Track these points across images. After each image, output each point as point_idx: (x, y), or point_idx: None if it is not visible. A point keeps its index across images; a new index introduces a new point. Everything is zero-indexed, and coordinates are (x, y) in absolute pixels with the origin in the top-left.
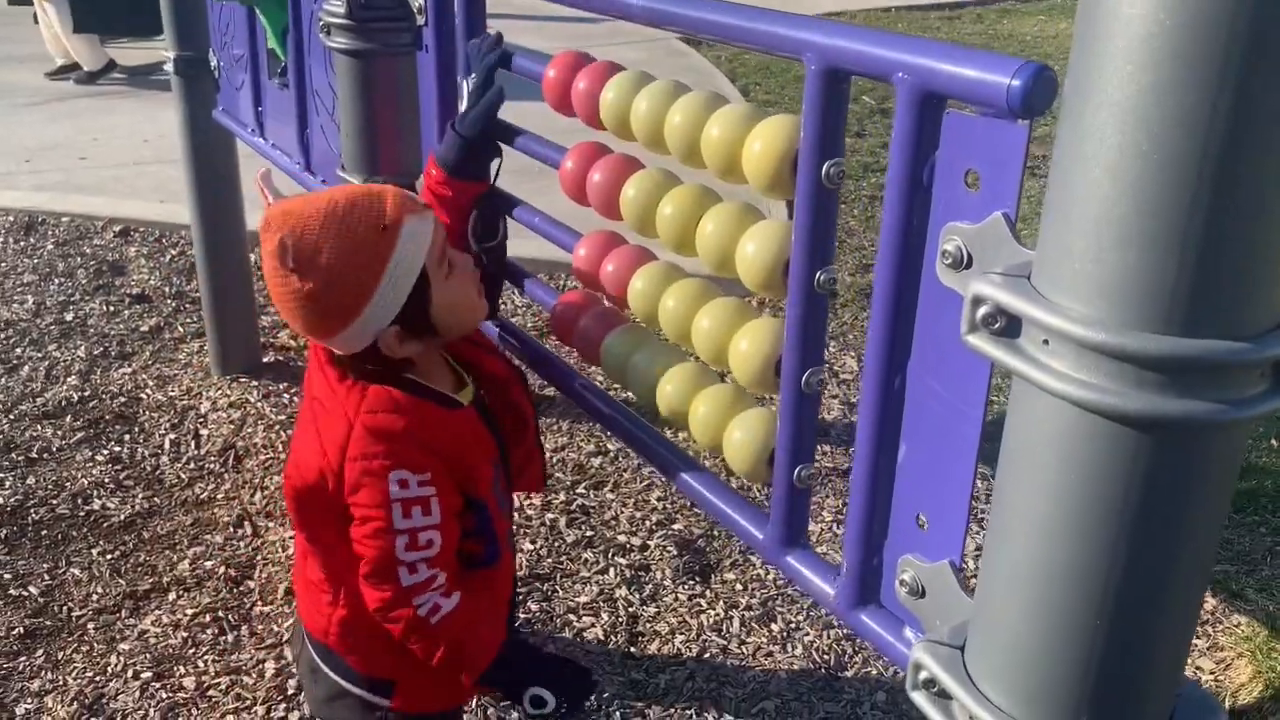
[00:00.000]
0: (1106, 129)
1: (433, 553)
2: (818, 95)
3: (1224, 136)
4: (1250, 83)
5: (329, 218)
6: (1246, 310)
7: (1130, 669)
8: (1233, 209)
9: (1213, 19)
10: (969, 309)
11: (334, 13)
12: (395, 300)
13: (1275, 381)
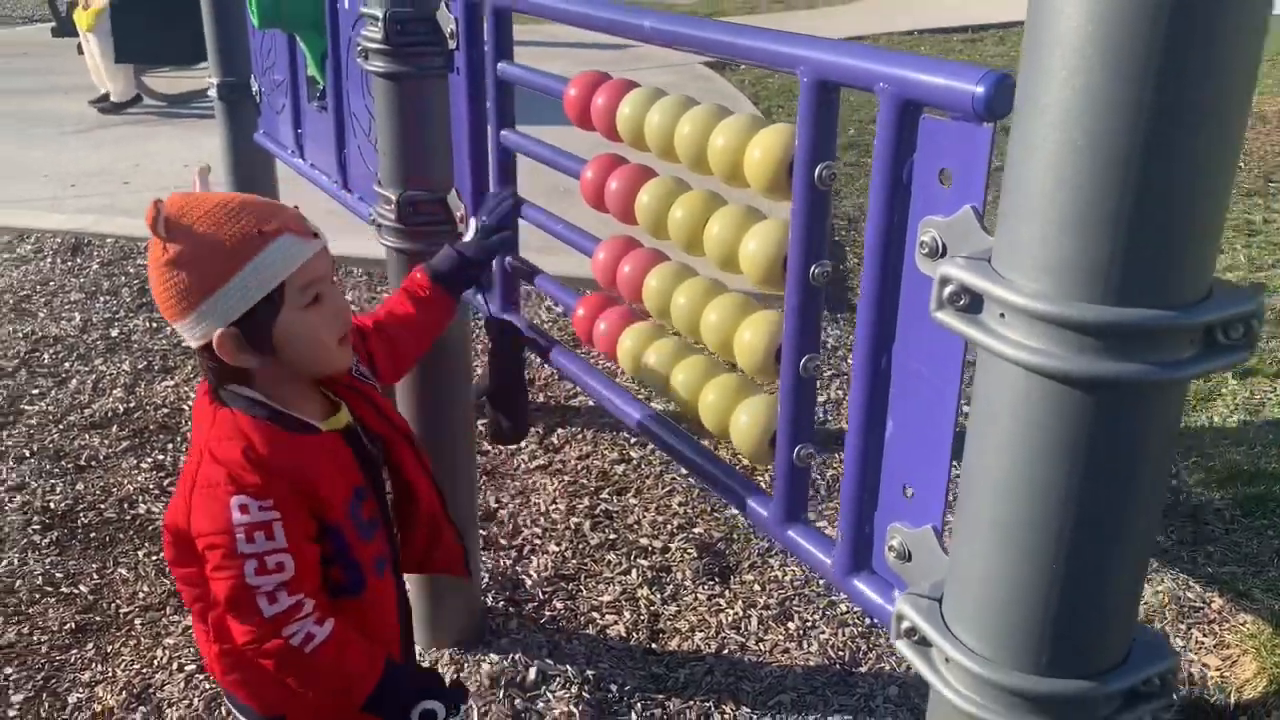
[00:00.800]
0: (1048, 128)
1: (286, 576)
2: (810, 104)
3: (1147, 131)
4: (1168, 83)
5: (219, 207)
6: (1175, 283)
7: (1085, 612)
8: (1158, 194)
9: (1134, 31)
10: (937, 288)
11: (372, 38)
12: (243, 300)
13: (1206, 347)
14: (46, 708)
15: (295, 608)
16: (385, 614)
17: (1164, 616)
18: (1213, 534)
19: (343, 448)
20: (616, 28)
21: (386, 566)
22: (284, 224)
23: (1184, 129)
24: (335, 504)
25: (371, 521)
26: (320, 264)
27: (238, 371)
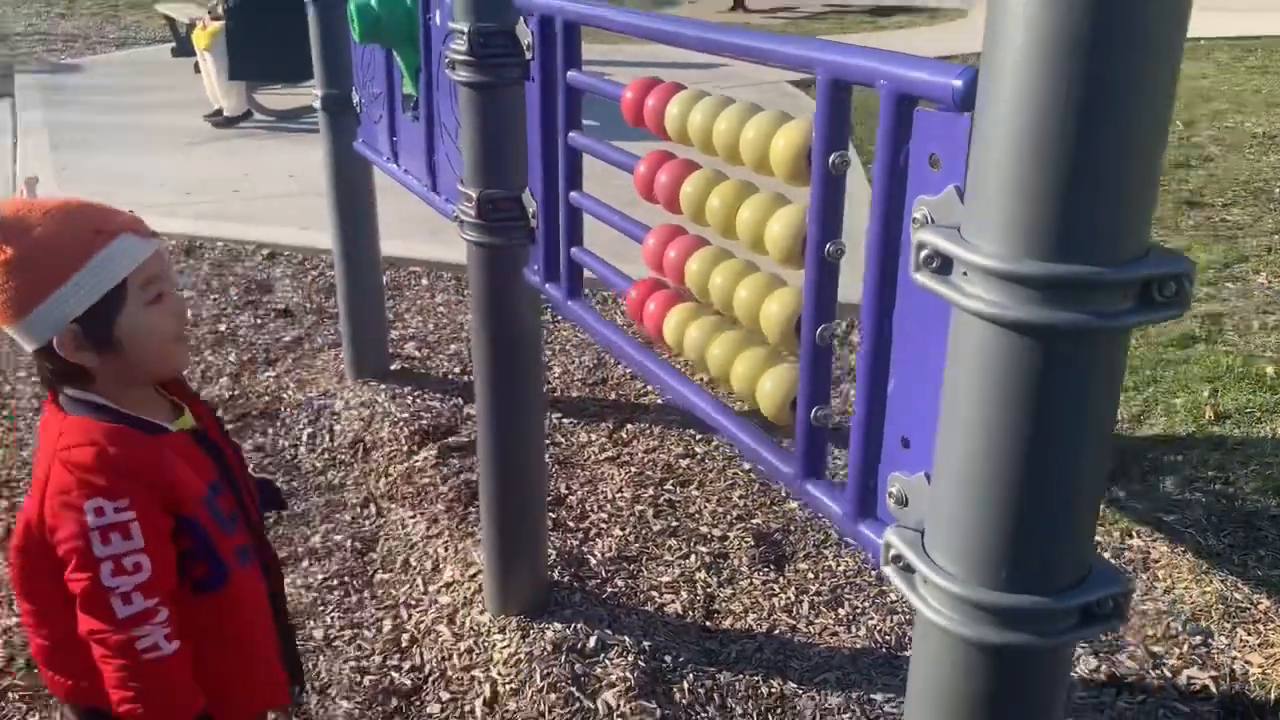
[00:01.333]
0: (1000, 115)
1: (143, 577)
2: (825, 100)
3: (1076, 119)
4: (1093, 71)
5: (59, 209)
6: (1112, 243)
7: (1039, 537)
8: (1090, 169)
9: (1064, 35)
10: (915, 253)
11: (458, 50)
12: (86, 296)
13: (1141, 302)
14: None
15: (150, 612)
16: (255, 605)
17: (1210, 616)
18: (1265, 539)
19: (193, 445)
20: (666, 36)
21: (251, 557)
22: (122, 225)
23: (1108, 116)
24: (192, 498)
25: (231, 515)
26: (159, 263)
27: (78, 374)
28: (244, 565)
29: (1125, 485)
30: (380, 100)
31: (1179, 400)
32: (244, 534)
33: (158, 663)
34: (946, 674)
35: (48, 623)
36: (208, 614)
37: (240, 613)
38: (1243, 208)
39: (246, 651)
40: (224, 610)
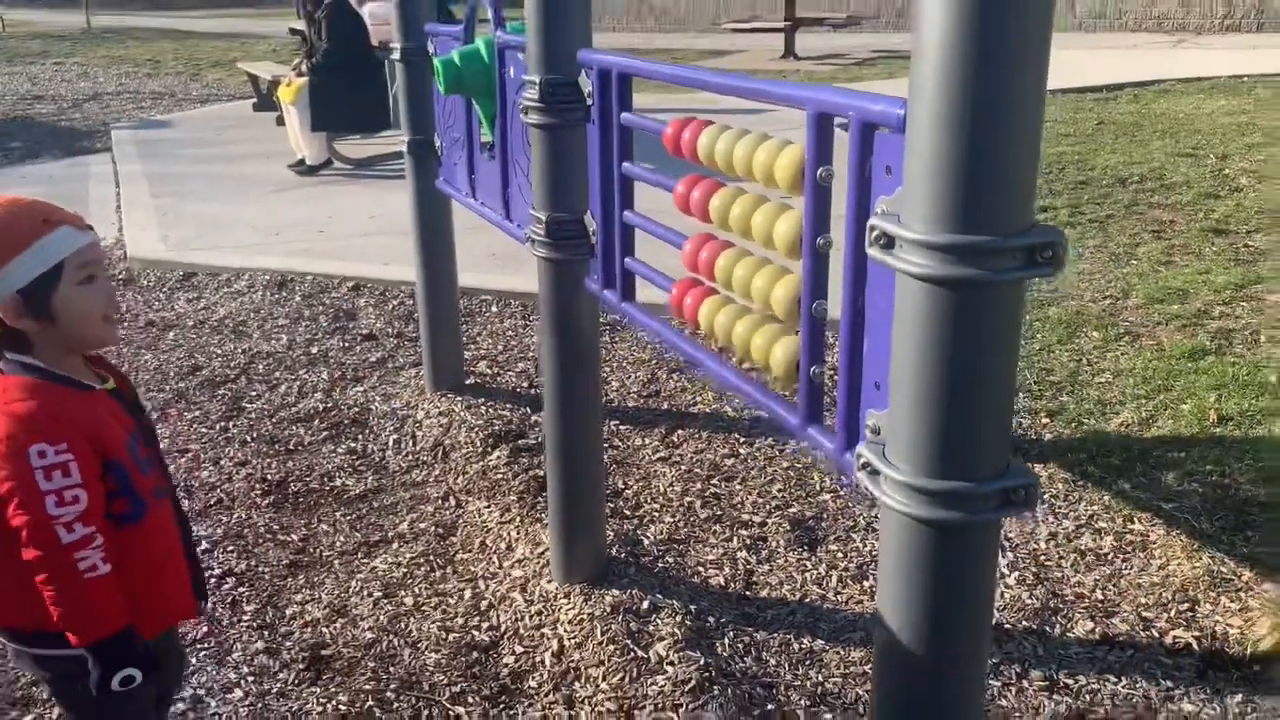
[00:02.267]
0: (919, 131)
1: (81, 508)
2: (813, 128)
3: (970, 131)
4: (978, 100)
5: (13, 202)
6: (1001, 220)
7: (962, 436)
8: (983, 167)
9: (956, 78)
10: (869, 234)
11: (531, 98)
12: (30, 271)
13: (1026, 263)
14: (269, 616)
15: (89, 538)
16: (168, 536)
17: (1198, 586)
18: (1253, 522)
19: (115, 403)
20: (697, 83)
21: (165, 497)
22: (64, 219)
23: (992, 132)
24: (116, 444)
25: (148, 459)
26: (93, 252)
27: (18, 338)
28: (158, 501)
29: (1130, 478)
30: (460, 144)
31: (1186, 406)
32: (159, 477)
33: (97, 580)
34: (903, 550)
35: None
36: (128, 543)
37: (156, 541)
38: (1266, 234)
39: (160, 573)
40: (142, 539)
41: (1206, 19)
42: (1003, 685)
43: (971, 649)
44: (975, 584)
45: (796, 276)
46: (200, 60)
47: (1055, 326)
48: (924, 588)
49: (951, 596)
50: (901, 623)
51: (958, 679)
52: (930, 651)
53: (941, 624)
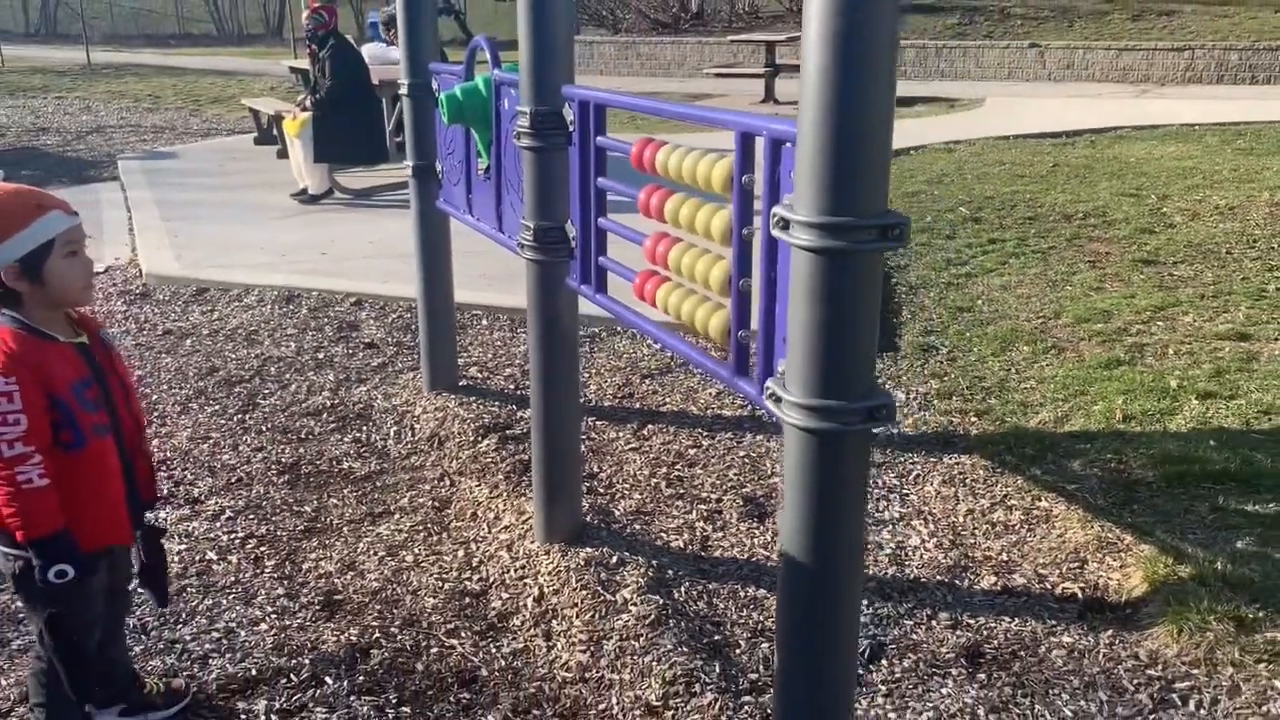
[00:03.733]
0: (803, 134)
1: (21, 430)
2: (739, 145)
3: (834, 141)
4: (838, 118)
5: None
6: (861, 203)
7: (836, 364)
8: (844, 167)
9: (821, 97)
10: (772, 220)
11: (523, 126)
12: (26, 245)
13: (880, 237)
14: (287, 569)
15: (26, 456)
16: (107, 469)
17: (1088, 549)
18: (1139, 498)
19: (75, 354)
20: (654, 110)
21: (108, 434)
22: (55, 204)
23: (848, 142)
24: (62, 384)
25: (95, 402)
26: (77, 233)
27: (13, 297)
28: (100, 437)
29: (1041, 465)
30: (459, 168)
31: (1097, 407)
32: (104, 417)
33: (34, 491)
34: (797, 458)
35: None
36: (71, 467)
37: (95, 469)
38: (1190, 265)
39: (98, 497)
40: (82, 465)
41: (1168, 71)
42: (914, 624)
43: (850, 538)
44: (853, 485)
45: (727, 262)
46: (200, 96)
47: (990, 341)
48: (813, 488)
49: (833, 494)
50: (797, 518)
51: (843, 565)
52: (818, 540)
53: (827, 516)
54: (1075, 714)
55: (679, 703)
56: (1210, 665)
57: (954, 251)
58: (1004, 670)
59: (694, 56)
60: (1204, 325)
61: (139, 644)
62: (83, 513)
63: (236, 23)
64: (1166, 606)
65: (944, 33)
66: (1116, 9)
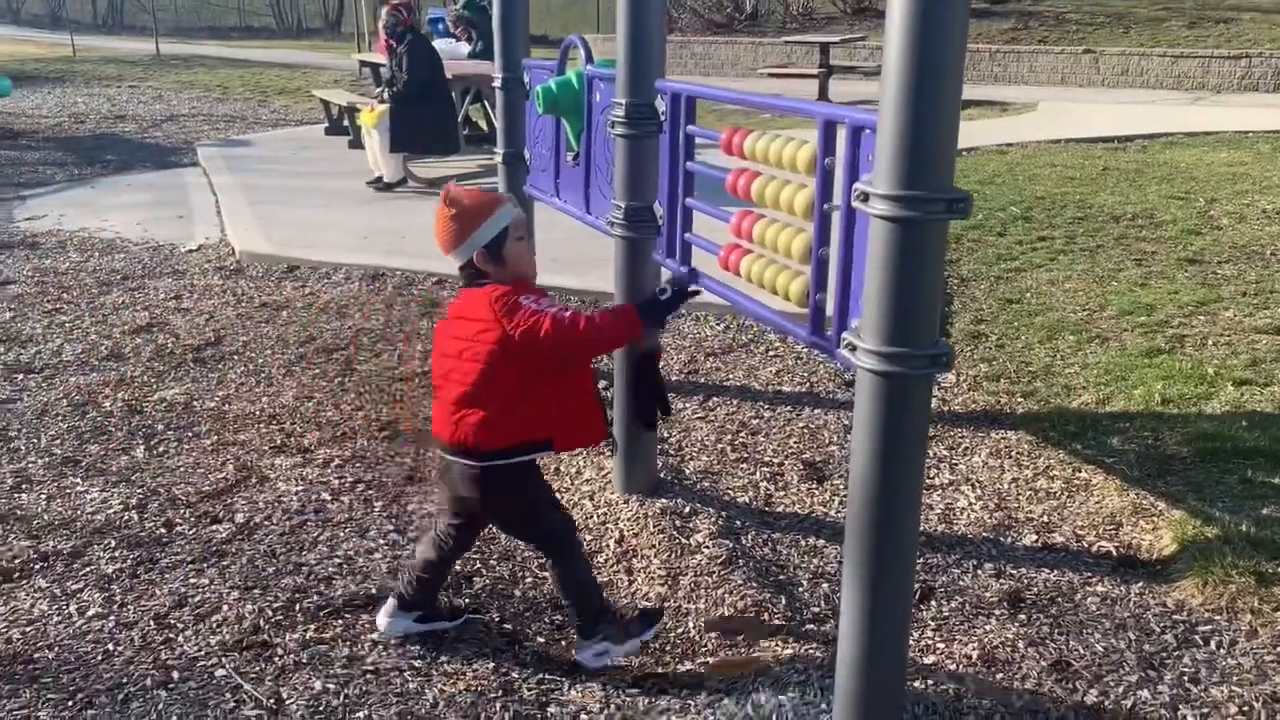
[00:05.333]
0: (883, 121)
1: (555, 308)
2: (822, 131)
3: (909, 130)
4: (914, 108)
5: (475, 192)
6: (932, 180)
7: (907, 320)
8: (915, 150)
9: (898, 89)
10: (854, 194)
11: (618, 116)
12: (489, 233)
13: (947, 209)
14: (394, 510)
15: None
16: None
17: (1124, 514)
18: (1173, 470)
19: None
20: (743, 102)
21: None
22: (505, 199)
23: (921, 128)
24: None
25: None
26: (522, 222)
27: (482, 277)
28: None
29: (1083, 441)
30: (549, 154)
31: (1137, 391)
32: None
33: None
34: (870, 397)
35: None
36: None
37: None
38: (1234, 265)
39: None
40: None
41: (1225, 78)
42: (961, 573)
43: (913, 470)
44: (917, 423)
45: (808, 234)
46: (266, 87)
47: (1038, 330)
48: (883, 425)
49: (899, 431)
50: (866, 454)
51: (905, 495)
52: (885, 471)
53: (893, 450)
54: (1106, 650)
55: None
56: (1231, 613)
57: (1004, 248)
58: (1042, 613)
59: (747, 57)
60: (1244, 320)
61: (270, 567)
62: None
63: (296, 17)
64: (1193, 562)
65: (999, 38)
66: (1173, 15)
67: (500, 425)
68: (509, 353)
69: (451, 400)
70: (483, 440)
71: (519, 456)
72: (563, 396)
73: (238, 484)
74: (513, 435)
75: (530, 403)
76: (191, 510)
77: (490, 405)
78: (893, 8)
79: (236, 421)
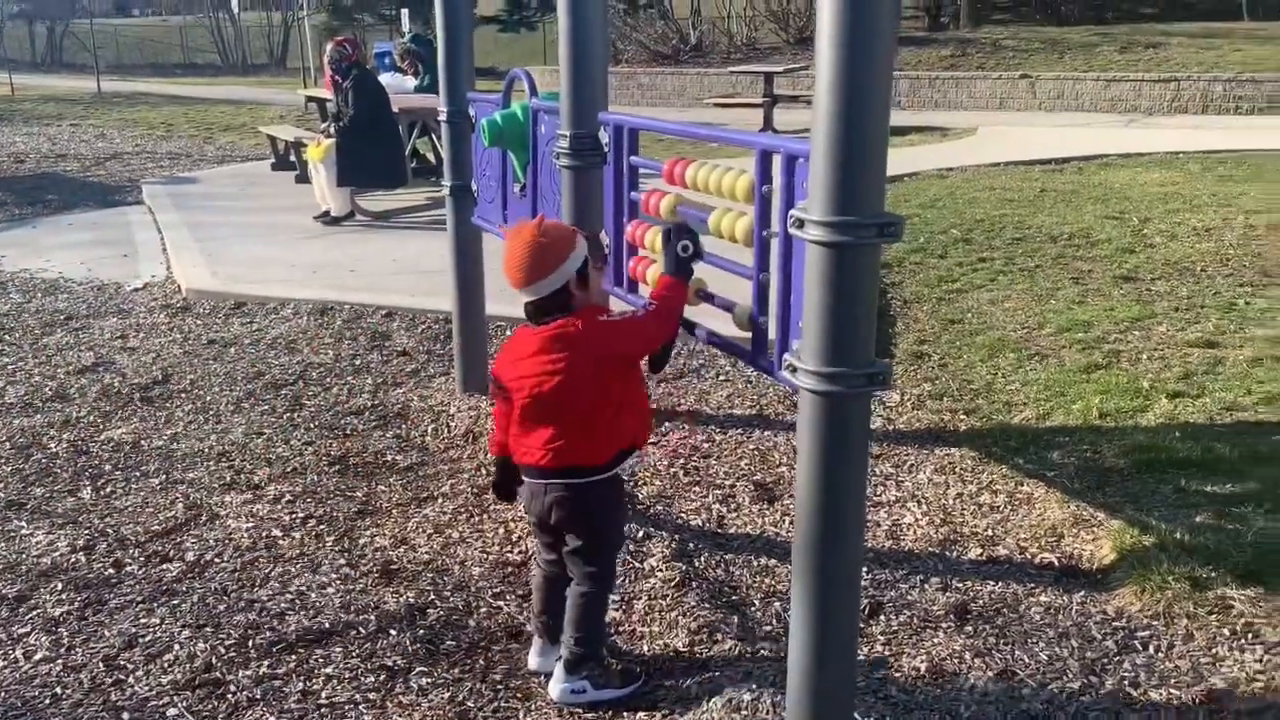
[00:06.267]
0: (815, 150)
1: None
2: (759, 160)
3: (839, 160)
4: (844, 137)
5: (556, 224)
6: (862, 207)
7: (844, 340)
8: (846, 179)
9: (827, 123)
10: (790, 221)
11: (563, 148)
12: (579, 260)
13: (879, 234)
14: (346, 544)
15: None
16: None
17: (1065, 526)
18: (1111, 482)
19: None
20: (684, 134)
21: None
22: (580, 230)
23: (849, 156)
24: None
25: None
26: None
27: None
28: None
29: (1024, 455)
30: (495, 185)
31: (1075, 406)
32: None
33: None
34: (811, 417)
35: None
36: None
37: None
38: (1166, 281)
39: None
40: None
41: (1156, 101)
42: (908, 587)
43: (855, 486)
44: (857, 440)
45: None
46: (212, 124)
47: (979, 349)
48: (824, 443)
49: (840, 448)
50: (810, 472)
51: (849, 510)
52: (828, 486)
53: (835, 468)
54: (1050, 658)
55: (703, 648)
56: (1168, 618)
57: (946, 270)
58: (988, 624)
59: (693, 87)
60: (1176, 334)
61: (222, 604)
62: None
63: (241, 53)
64: (1132, 570)
65: (938, 64)
66: (1106, 41)
67: (604, 439)
68: (608, 367)
69: (555, 429)
70: (590, 456)
71: (616, 467)
72: (636, 396)
73: (187, 522)
74: (613, 446)
75: (623, 410)
76: (140, 550)
77: (599, 424)
78: (821, 41)
79: (185, 460)
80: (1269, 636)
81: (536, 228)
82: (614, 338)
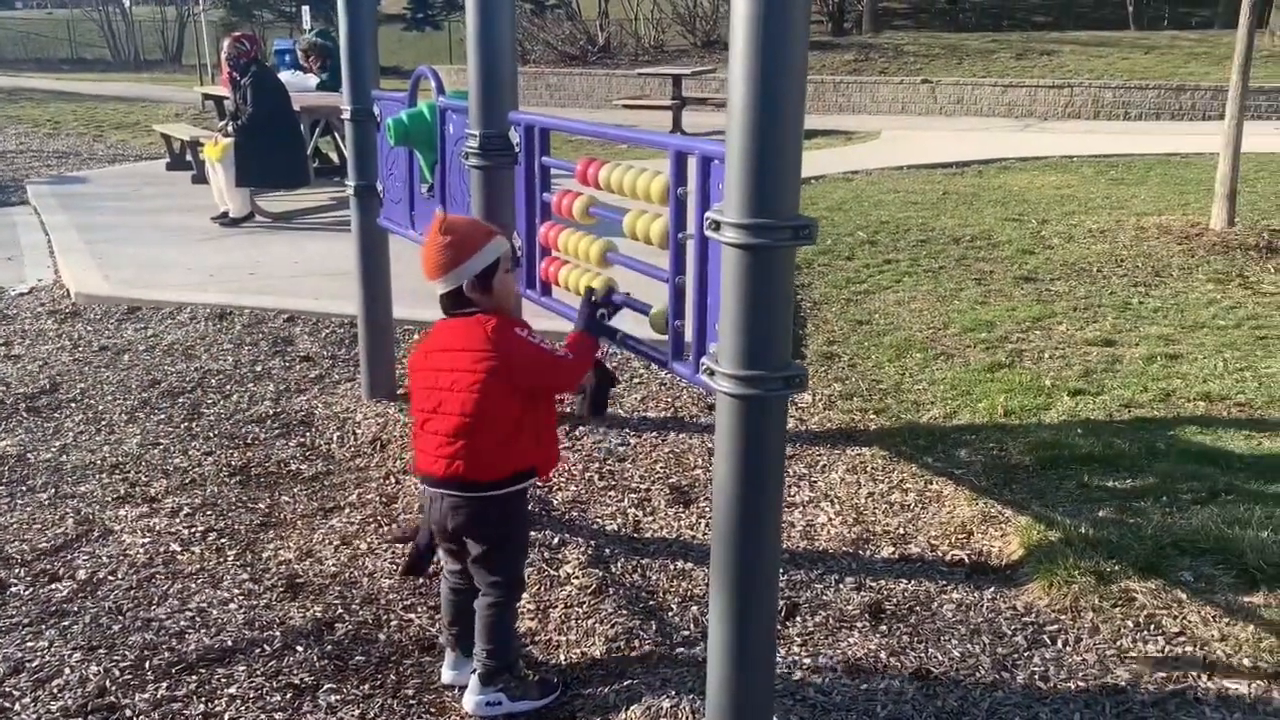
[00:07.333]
0: (731, 152)
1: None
2: (673, 162)
3: (755, 161)
4: (758, 145)
5: (471, 221)
6: (777, 209)
7: (760, 344)
8: (761, 181)
9: (742, 128)
10: (707, 223)
11: (472, 147)
12: (481, 263)
13: (794, 236)
14: (249, 558)
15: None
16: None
17: (974, 523)
18: (1017, 479)
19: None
20: (599, 134)
21: None
22: (498, 230)
23: (764, 162)
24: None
25: None
26: (509, 255)
27: (468, 304)
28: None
29: (932, 454)
30: (402, 186)
31: (981, 404)
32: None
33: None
34: (728, 420)
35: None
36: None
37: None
38: (1065, 282)
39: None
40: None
41: (1050, 106)
42: (824, 588)
43: (772, 488)
44: (774, 443)
45: (602, 241)
46: (102, 122)
47: (887, 350)
48: (742, 446)
49: (758, 451)
50: (728, 474)
51: (766, 513)
52: (746, 490)
53: (753, 470)
54: (963, 655)
55: (620, 655)
56: (1075, 612)
57: (853, 271)
58: (902, 622)
59: (602, 88)
60: (1076, 333)
61: (116, 624)
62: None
63: (133, 48)
64: (1039, 565)
65: (841, 68)
66: (1002, 48)
67: (497, 455)
68: (509, 383)
69: (445, 432)
70: (480, 471)
71: (512, 486)
72: (542, 425)
73: (78, 539)
74: (508, 465)
75: (522, 432)
76: (27, 569)
77: (488, 436)
78: (735, 45)
79: (75, 473)
80: (1170, 627)
81: (440, 224)
82: (516, 354)
